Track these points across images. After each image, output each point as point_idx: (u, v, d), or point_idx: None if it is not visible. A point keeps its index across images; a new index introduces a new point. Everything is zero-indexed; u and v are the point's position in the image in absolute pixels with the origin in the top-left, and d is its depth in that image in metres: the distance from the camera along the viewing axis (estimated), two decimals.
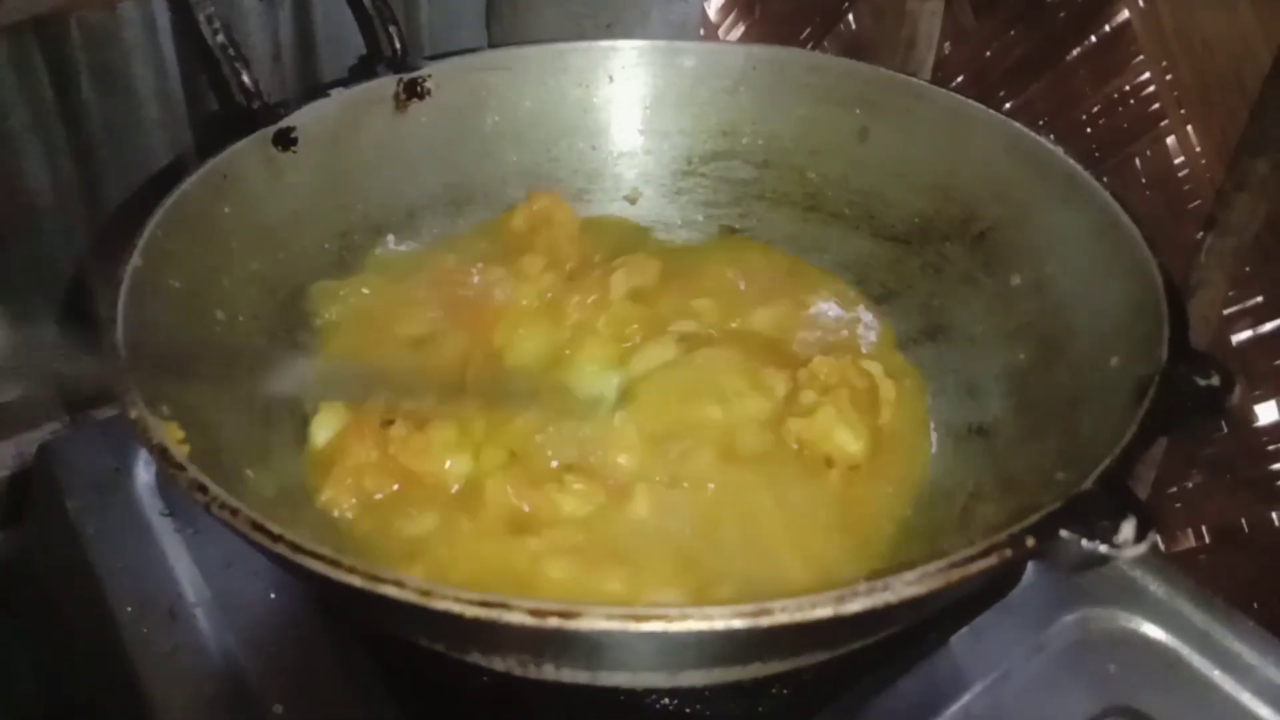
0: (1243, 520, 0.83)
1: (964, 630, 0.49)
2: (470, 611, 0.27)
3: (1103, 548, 0.30)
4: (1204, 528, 0.86)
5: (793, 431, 0.47)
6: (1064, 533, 0.30)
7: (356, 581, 0.28)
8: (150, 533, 0.52)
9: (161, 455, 0.32)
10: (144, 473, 0.55)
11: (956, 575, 0.29)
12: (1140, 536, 0.30)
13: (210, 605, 0.49)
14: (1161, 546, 0.85)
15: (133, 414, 0.34)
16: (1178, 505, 0.86)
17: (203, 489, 0.31)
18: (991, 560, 0.29)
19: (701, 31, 0.98)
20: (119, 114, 0.61)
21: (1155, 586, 0.51)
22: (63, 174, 0.62)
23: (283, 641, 0.48)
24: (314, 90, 0.54)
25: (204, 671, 0.46)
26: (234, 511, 0.30)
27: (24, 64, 0.57)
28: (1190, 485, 0.85)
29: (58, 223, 0.63)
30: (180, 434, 0.34)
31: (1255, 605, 0.78)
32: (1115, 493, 0.31)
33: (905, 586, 0.28)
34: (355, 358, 0.51)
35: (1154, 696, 0.48)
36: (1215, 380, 0.36)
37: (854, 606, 0.28)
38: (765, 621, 0.27)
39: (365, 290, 0.53)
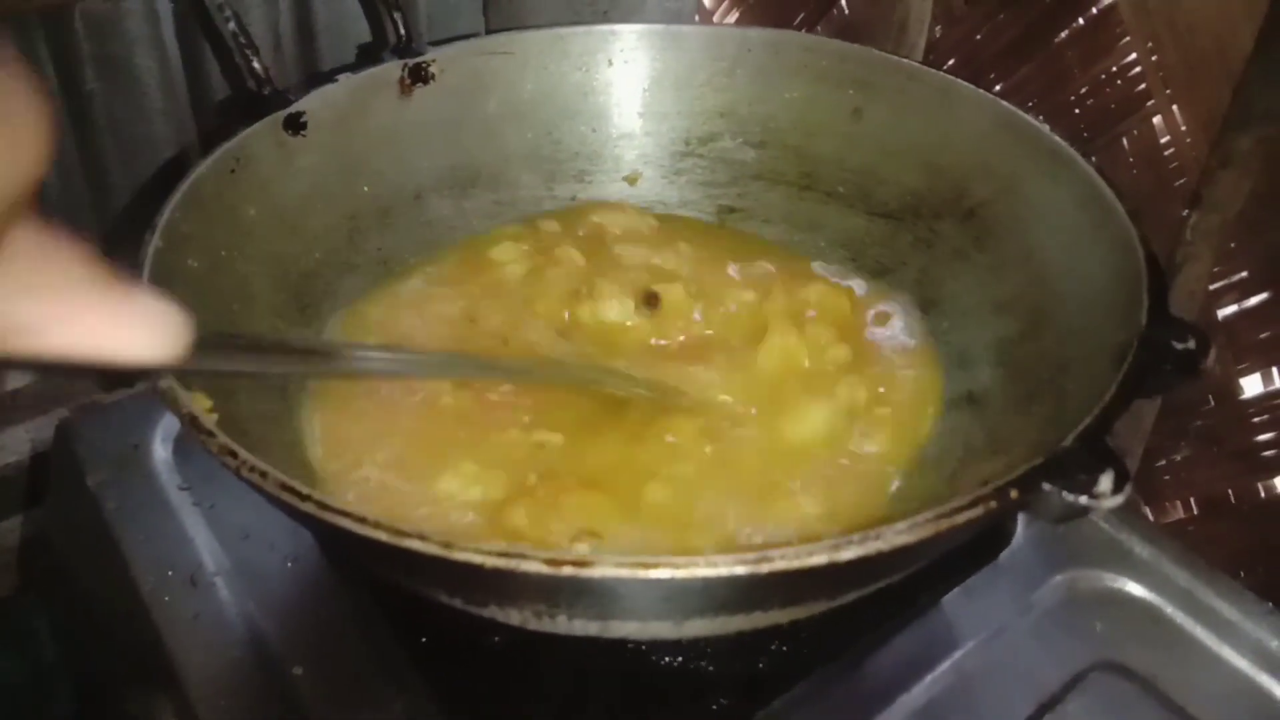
0: (1229, 491, 0.85)
1: (956, 591, 0.51)
2: (490, 562, 0.29)
3: (1082, 499, 0.31)
4: (1192, 499, 0.88)
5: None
6: (1046, 485, 0.32)
7: (382, 536, 0.30)
8: (169, 507, 0.54)
9: (192, 423, 0.34)
10: (161, 449, 0.57)
11: (945, 525, 0.30)
12: (1117, 489, 0.31)
13: (230, 574, 0.51)
14: (1150, 517, 0.87)
15: (163, 384, 0.35)
16: (1166, 477, 0.88)
17: (233, 454, 0.33)
18: (977, 511, 0.31)
19: (697, 17, 0.99)
20: (123, 104, 0.63)
21: (1140, 548, 0.53)
22: (68, 164, 0.63)
23: (301, 607, 0.50)
24: (322, 76, 0.56)
25: (226, 637, 0.48)
26: (263, 474, 0.32)
27: (29, 55, 0.59)
28: (1178, 458, 0.87)
29: (63, 212, 0.64)
30: (208, 403, 0.36)
31: (1241, 574, 0.80)
32: (1094, 449, 0.33)
33: (896, 535, 0.30)
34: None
35: (1139, 652, 0.50)
36: (1191, 344, 0.37)
37: (848, 554, 0.29)
38: (765, 568, 0.29)
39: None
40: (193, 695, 0.46)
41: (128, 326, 0.22)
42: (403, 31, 0.58)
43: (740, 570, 0.29)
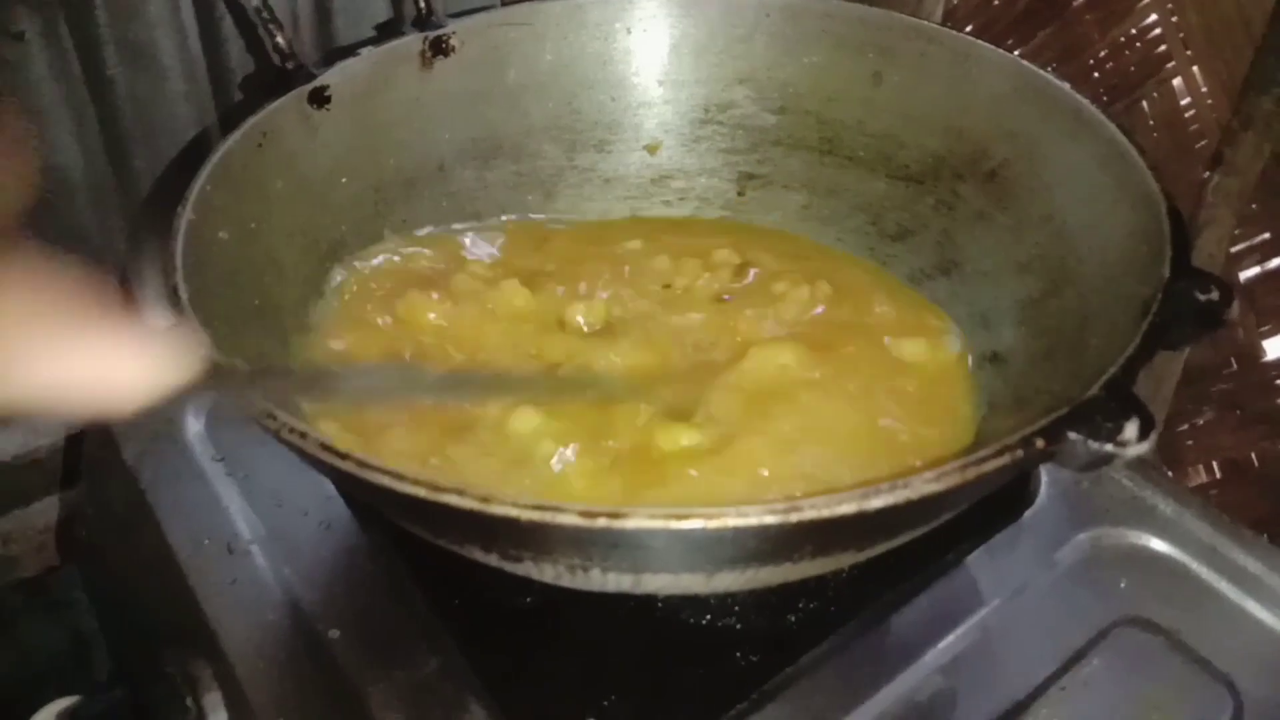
0: (1253, 455, 0.85)
1: (980, 550, 0.52)
2: (526, 515, 0.30)
3: (1108, 447, 0.32)
4: (1215, 463, 0.88)
5: None
6: (1071, 434, 0.32)
7: (421, 492, 0.30)
8: (204, 477, 0.55)
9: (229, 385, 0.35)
10: (195, 422, 0.58)
11: (972, 473, 0.31)
12: (1143, 436, 0.32)
13: (265, 541, 0.52)
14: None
15: (201, 351, 0.36)
16: (1189, 442, 0.88)
17: (272, 416, 0.33)
18: (1004, 460, 0.31)
19: None
20: (144, 87, 0.63)
21: (1163, 504, 0.54)
22: (92, 146, 0.64)
23: (335, 572, 0.51)
24: (344, 50, 0.56)
25: (263, 601, 0.49)
26: (303, 435, 0.33)
27: (53, 40, 0.59)
28: (1201, 422, 0.87)
29: (88, 193, 0.65)
30: (247, 368, 0.37)
31: (1265, 537, 0.80)
32: (1120, 398, 0.33)
33: (924, 484, 0.31)
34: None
35: (1163, 607, 0.50)
36: (1215, 295, 0.38)
37: (877, 502, 0.30)
38: (795, 517, 0.30)
39: None
40: (232, 658, 0.47)
41: (123, 368, 0.21)
42: (423, 5, 0.58)
43: (770, 519, 0.30)
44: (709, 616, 0.47)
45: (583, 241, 0.61)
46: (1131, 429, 0.32)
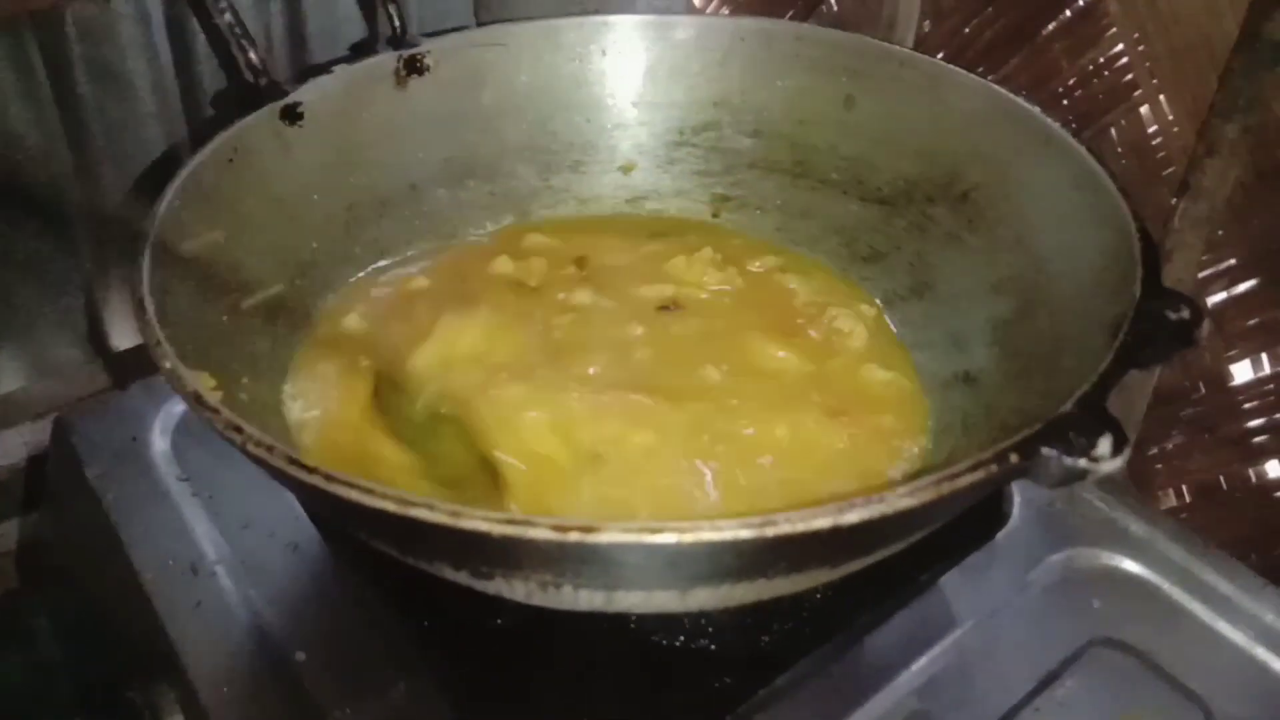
0: (1221, 478, 0.86)
1: (954, 571, 0.52)
2: (497, 529, 0.29)
3: (1081, 462, 0.32)
4: (1185, 487, 0.89)
5: None
6: (1045, 450, 0.32)
7: (390, 507, 0.30)
8: (169, 498, 0.54)
9: (196, 400, 0.34)
10: (160, 441, 0.57)
11: (947, 488, 0.31)
12: (1116, 451, 0.32)
13: (230, 563, 0.51)
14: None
15: (166, 364, 0.35)
16: (1159, 465, 0.89)
17: (238, 429, 0.33)
18: (979, 475, 0.31)
19: (685, 10, 1.00)
20: (115, 106, 0.63)
21: (1135, 526, 0.54)
22: (60, 167, 0.63)
23: (301, 594, 0.50)
24: (318, 67, 0.56)
25: (228, 624, 0.48)
26: (270, 448, 0.32)
27: (20, 59, 0.59)
28: (1171, 446, 0.88)
29: (55, 214, 0.64)
30: (213, 382, 0.36)
31: (1236, 559, 0.80)
32: (1093, 414, 0.33)
33: (899, 499, 0.30)
34: None
35: (1136, 627, 0.50)
36: (1185, 314, 0.38)
37: (852, 517, 0.30)
38: (770, 532, 0.29)
39: None
40: (196, 683, 0.46)
41: None
42: (398, 24, 0.58)
43: (745, 534, 0.29)
44: (683, 638, 0.46)
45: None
46: (1105, 444, 0.32)
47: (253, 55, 0.53)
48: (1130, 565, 0.53)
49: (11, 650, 0.70)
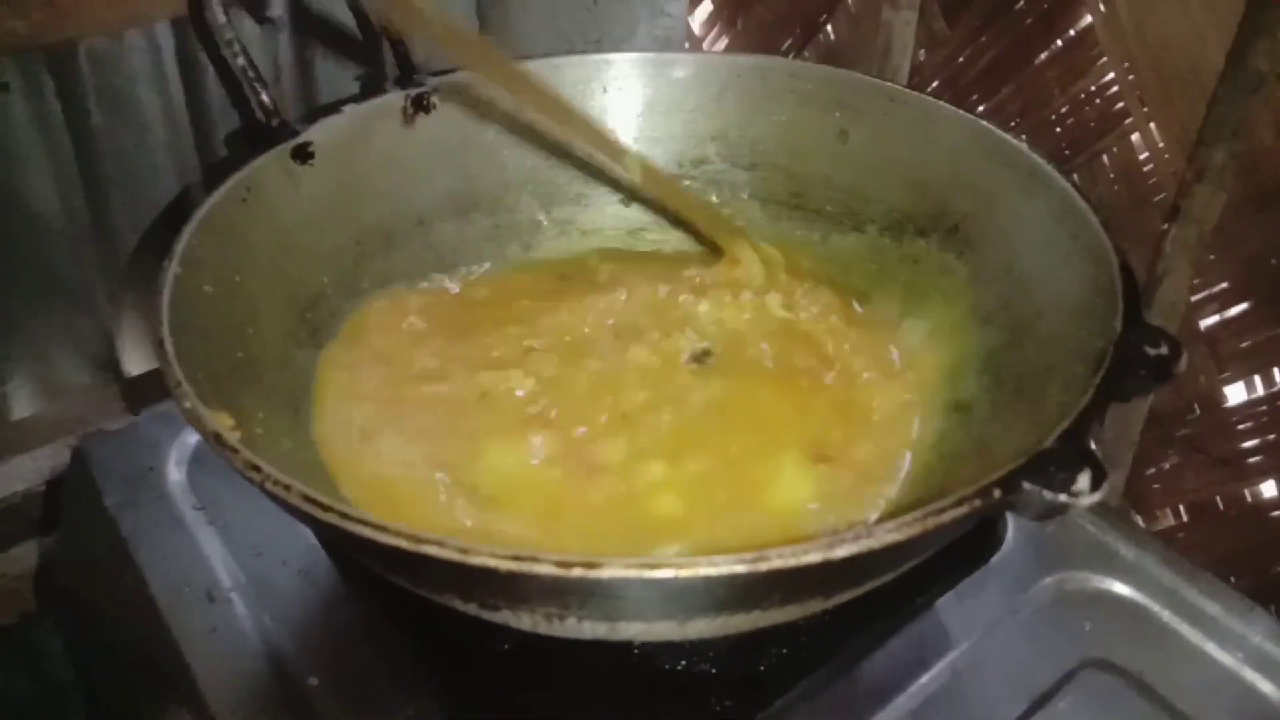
0: (1217, 498, 0.87)
1: (949, 594, 0.53)
2: (504, 565, 0.31)
3: (1062, 497, 0.33)
4: (1181, 506, 0.90)
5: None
6: (1027, 485, 0.34)
7: (402, 544, 0.31)
8: (184, 526, 0.56)
9: (216, 440, 0.36)
10: (175, 471, 0.59)
11: (932, 523, 0.32)
12: (1095, 487, 0.33)
13: (244, 589, 0.52)
14: (1141, 524, 0.89)
15: (186, 404, 0.37)
16: (1155, 486, 0.90)
17: (256, 468, 0.34)
18: (963, 510, 0.33)
19: (686, 45, 1.02)
20: (126, 137, 0.65)
21: (1126, 550, 0.55)
22: (71, 195, 0.65)
23: (314, 619, 0.51)
24: (327, 107, 0.58)
25: (243, 649, 0.50)
26: (287, 487, 0.34)
27: (35, 90, 0.61)
28: (1167, 466, 0.89)
29: (66, 241, 0.66)
30: (231, 421, 0.37)
31: (1232, 579, 0.81)
32: (1074, 449, 0.35)
33: (886, 534, 0.32)
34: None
35: (1127, 650, 0.51)
36: (1164, 349, 0.39)
37: (841, 552, 0.31)
38: (763, 566, 0.31)
39: None
40: (213, 707, 0.47)
41: None
42: (405, 63, 0.60)
43: (739, 569, 0.31)
44: (684, 662, 0.48)
45: None
46: (1084, 480, 0.33)
47: (265, 96, 0.55)
48: (1121, 588, 0.54)
49: (25, 671, 0.71)
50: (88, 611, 0.62)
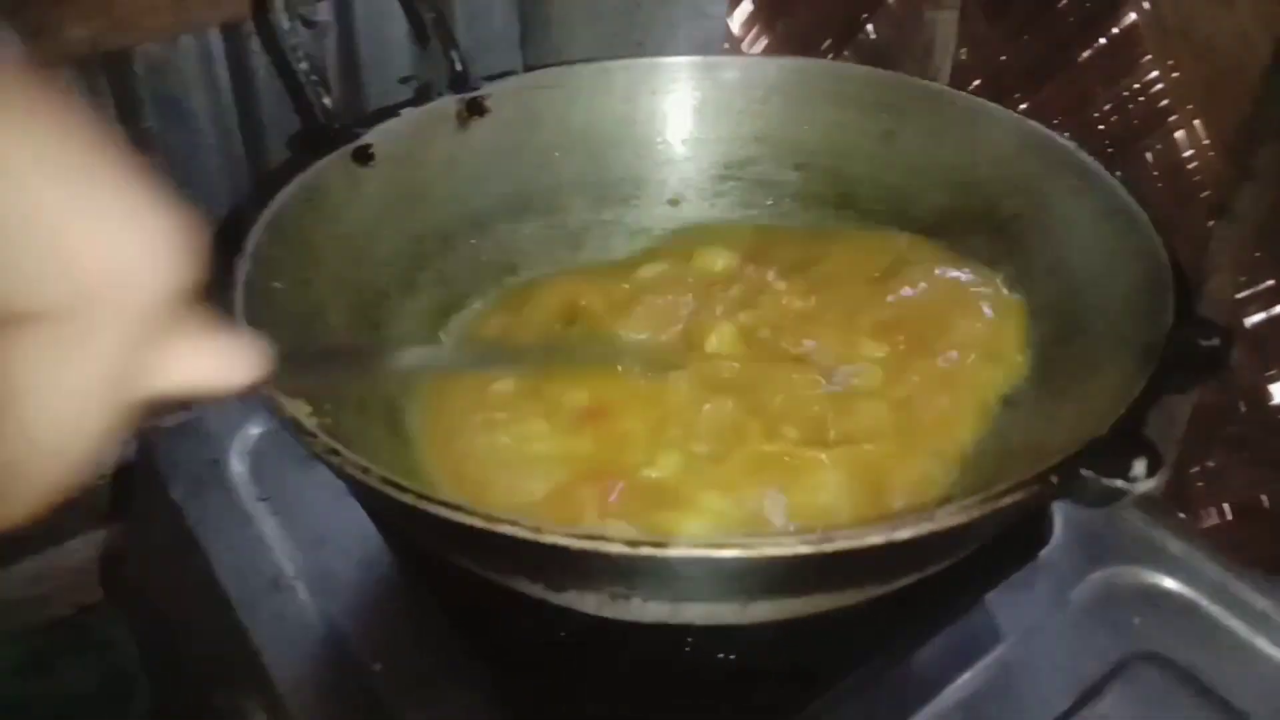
0: (1263, 496, 0.87)
1: (997, 589, 0.54)
2: (575, 544, 0.32)
3: (1118, 483, 0.34)
4: (1226, 505, 0.90)
5: None
6: (1084, 472, 0.34)
7: (478, 523, 0.33)
8: (249, 517, 0.57)
9: (296, 427, 0.37)
10: (238, 463, 0.61)
11: (990, 507, 0.33)
12: (1151, 472, 0.34)
13: (309, 578, 0.54)
14: None
15: (265, 393, 0.39)
16: (1200, 484, 0.90)
17: (336, 452, 0.36)
18: (1020, 495, 0.34)
19: (726, 46, 1.03)
20: (179, 139, 0.67)
21: (1174, 545, 0.56)
22: None
23: (376, 608, 0.53)
24: (386, 110, 0.60)
25: (308, 636, 0.51)
26: (365, 470, 0.35)
27: (93, 95, 0.63)
28: (1211, 464, 0.89)
29: None
30: (308, 408, 0.39)
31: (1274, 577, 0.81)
32: (1129, 437, 0.35)
33: (948, 517, 0.33)
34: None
35: (1176, 644, 0.52)
36: (1217, 341, 0.40)
37: (904, 534, 0.32)
38: (828, 548, 0.32)
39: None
40: (280, 691, 0.49)
41: (225, 359, 0.25)
42: (459, 67, 0.62)
43: (804, 550, 0.32)
44: (735, 653, 0.49)
45: None
46: (1140, 466, 0.34)
47: (327, 100, 0.57)
48: (1169, 583, 0.54)
49: (91, 659, 0.74)
50: (154, 600, 0.64)
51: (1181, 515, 0.89)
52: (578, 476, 0.48)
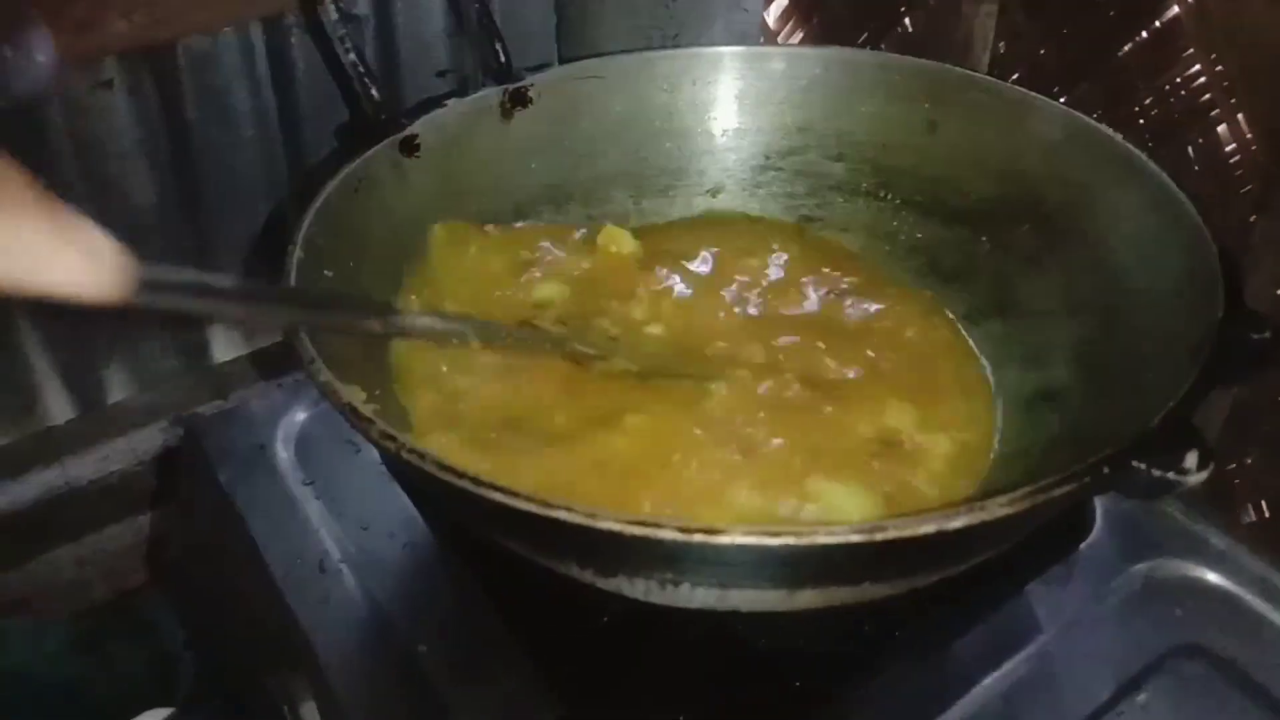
0: None
1: (1038, 580, 0.54)
2: (629, 530, 0.32)
3: (1170, 474, 0.34)
4: (1264, 502, 0.89)
5: None
6: (1135, 463, 0.34)
7: (533, 509, 0.33)
8: (294, 501, 0.58)
9: (352, 412, 0.38)
10: (283, 449, 0.62)
11: (1042, 498, 0.33)
12: (1202, 465, 0.34)
13: (354, 561, 0.55)
14: None
15: (322, 379, 0.39)
16: (1237, 481, 0.89)
17: (391, 438, 0.36)
18: (1072, 486, 0.34)
19: (761, 39, 1.03)
20: (218, 131, 0.68)
21: (1216, 538, 0.56)
22: (167, 187, 0.68)
23: (420, 590, 0.54)
24: (431, 102, 0.60)
25: (354, 617, 0.52)
26: (422, 455, 0.36)
27: (136, 88, 0.64)
28: (1249, 461, 0.88)
29: (160, 233, 0.69)
30: (363, 394, 0.40)
31: None
32: (1179, 430, 0.35)
33: (999, 507, 0.33)
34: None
35: (1218, 636, 0.52)
36: (1267, 334, 0.40)
37: (956, 523, 0.32)
38: (879, 536, 0.32)
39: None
40: (328, 672, 0.50)
41: (75, 258, 0.23)
42: (503, 58, 0.62)
43: (856, 538, 0.32)
44: (778, 640, 0.49)
45: None
46: (1192, 459, 0.34)
47: (374, 92, 0.58)
48: (1211, 576, 0.54)
49: (136, 641, 0.75)
50: (201, 583, 0.65)
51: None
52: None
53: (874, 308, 0.60)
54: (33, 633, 0.71)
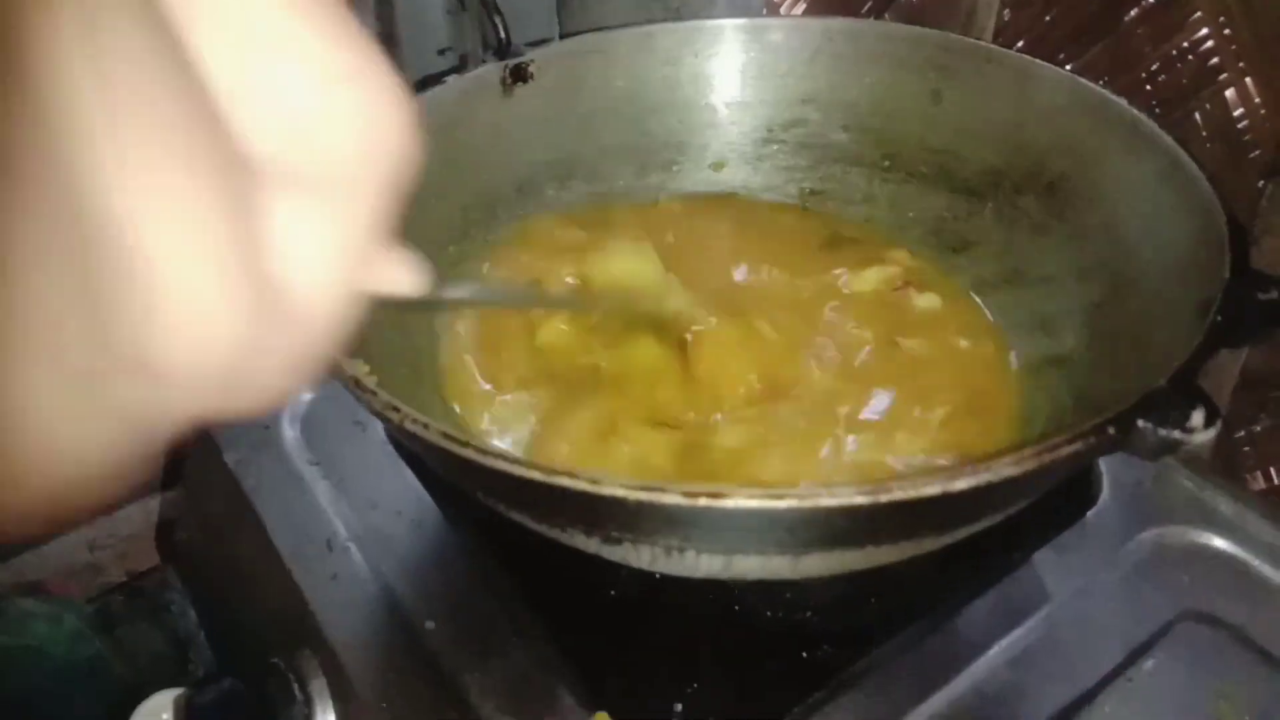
0: None
1: (1046, 548, 0.54)
2: (633, 495, 0.32)
3: (1175, 433, 0.34)
4: (1273, 470, 0.88)
5: None
6: (1141, 422, 0.34)
7: (536, 476, 0.33)
8: (302, 481, 0.59)
9: (356, 385, 0.38)
10: (290, 429, 0.62)
11: (1048, 458, 0.33)
12: (1209, 424, 0.34)
13: (361, 540, 0.55)
14: None
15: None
16: (1246, 449, 0.88)
17: (395, 409, 0.36)
18: (1078, 446, 0.34)
19: (764, 10, 1.02)
20: None
21: (1224, 504, 0.55)
22: None
23: (428, 567, 0.54)
24: (432, 78, 0.60)
25: (363, 595, 0.52)
26: (425, 425, 0.36)
27: None
28: (1259, 429, 0.87)
29: None
30: (366, 367, 0.40)
31: None
32: (1186, 389, 0.35)
33: (1004, 468, 0.33)
34: None
35: (1225, 601, 0.51)
36: (1275, 294, 0.40)
37: (960, 484, 0.32)
38: (884, 498, 0.32)
39: None
40: (337, 649, 0.50)
41: (401, 267, 0.25)
42: (503, 34, 0.62)
43: (860, 500, 0.32)
44: (784, 611, 0.49)
45: None
46: (1198, 417, 0.34)
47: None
48: (1220, 542, 0.54)
49: (149, 623, 0.76)
50: (211, 564, 0.66)
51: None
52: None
53: None
54: (51, 614, 0.71)
